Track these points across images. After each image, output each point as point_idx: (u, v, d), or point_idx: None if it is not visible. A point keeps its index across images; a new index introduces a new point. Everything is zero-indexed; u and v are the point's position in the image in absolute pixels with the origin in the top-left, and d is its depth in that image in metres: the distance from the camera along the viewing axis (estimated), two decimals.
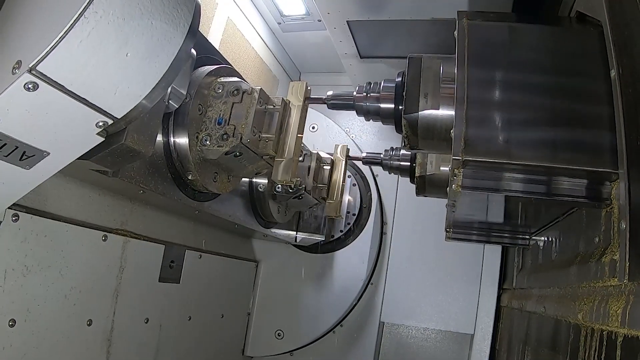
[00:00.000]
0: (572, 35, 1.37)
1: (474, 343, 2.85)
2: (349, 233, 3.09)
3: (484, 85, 1.27)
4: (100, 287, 1.79)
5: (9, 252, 1.40)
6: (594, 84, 1.22)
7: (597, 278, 1.20)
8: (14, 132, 0.98)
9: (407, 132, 1.44)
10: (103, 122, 1.05)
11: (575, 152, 1.17)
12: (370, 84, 1.70)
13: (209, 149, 1.68)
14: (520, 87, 1.27)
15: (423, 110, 1.40)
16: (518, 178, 1.25)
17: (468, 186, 1.25)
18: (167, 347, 2.21)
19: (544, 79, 1.26)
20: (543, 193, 1.28)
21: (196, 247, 2.40)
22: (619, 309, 1.02)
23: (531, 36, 1.35)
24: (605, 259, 1.16)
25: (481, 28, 1.37)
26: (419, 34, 2.44)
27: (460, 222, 2.10)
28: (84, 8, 0.87)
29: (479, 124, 1.21)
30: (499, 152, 1.18)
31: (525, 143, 1.20)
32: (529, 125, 1.22)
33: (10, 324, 1.42)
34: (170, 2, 1.02)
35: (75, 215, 1.65)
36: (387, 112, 1.61)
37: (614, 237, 1.15)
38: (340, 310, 3.02)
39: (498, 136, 1.20)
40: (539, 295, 1.82)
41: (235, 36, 2.67)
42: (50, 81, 0.91)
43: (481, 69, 1.29)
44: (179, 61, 1.07)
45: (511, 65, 1.29)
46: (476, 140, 1.20)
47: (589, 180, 1.21)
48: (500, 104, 1.24)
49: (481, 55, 1.31)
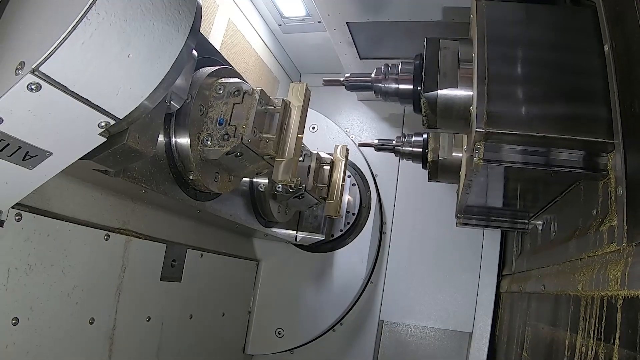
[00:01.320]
0: (571, 14, 1.44)
1: (472, 341, 2.85)
2: (348, 232, 3.09)
3: (501, 62, 1.31)
4: (103, 285, 1.79)
5: (12, 251, 1.41)
6: (589, 58, 1.29)
7: (595, 247, 1.22)
8: (17, 132, 0.98)
9: (426, 111, 1.46)
10: (105, 122, 1.05)
11: (590, 125, 1.23)
12: (388, 66, 1.71)
13: (210, 149, 1.68)
14: (535, 64, 1.32)
15: (442, 89, 1.42)
16: (536, 151, 1.29)
17: (490, 159, 1.28)
18: (169, 345, 2.21)
19: (556, 56, 1.32)
20: (560, 166, 1.31)
21: (197, 246, 2.40)
22: (617, 272, 1.03)
23: (543, 16, 1.40)
24: (604, 227, 1.18)
25: (497, 8, 1.42)
26: (417, 35, 2.44)
27: (467, 208, 2.11)
28: (86, 10, 0.88)
29: (499, 99, 1.26)
30: (520, 124, 1.23)
31: (543, 116, 1.24)
32: (546, 99, 1.27)
33: (13, 322, 1.42)
34: (171, 4, 1.02)
35: (77, 215, 1.65)
36: (406, 92, 1.63)
37: (612, 205, 1.18)
38: (340, 309, 3.02)
39: (519, 109, 1.24)
40: (538, 275, 1.83)
41: (236, 37, 2.68)
42: (53, 82, 0.91)
43: (499, 47, 1.34)
44: (180, 62, 1.07)
45: (526, 43, 1.34)
46: (497, 113, 1.24)
47: (585, 153, 1.26)
48: (517, 80, 1.29)
49: (499, 33, 1.36)
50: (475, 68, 1.30)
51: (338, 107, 3.43)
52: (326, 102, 3.38)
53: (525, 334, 1.96)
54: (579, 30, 1.35)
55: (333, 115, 3.37)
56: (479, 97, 1.25)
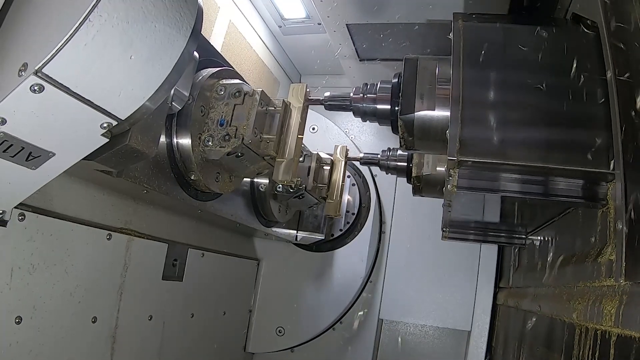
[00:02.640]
0: (568, 36, 1.34)
1: (470, 339, 2.85)
2: (348, 232, 3.09)
3: (479, 86, 1.25)
4: (105, 285, 1.79)
5: (15, 251, 1.41)
6: (590, 85, 1.21)
7: (593, 278, 1.18)
8: (20, 133, 0.99)
9: (403, 133, 1.42)
10: (107, 123, 1.05)
11: (571, 153, 1.16)
12: (367, 85, 1.68)
13: (211, 150, 1.68)
14: (515, 87, 1.26)
15: (419, 111, 1.38)
16: (513, 178, 1.24)
17: (464, 186, 1.24)
18: (170, 344, 2.21)
19: (539, 79, 1.25)
20: (539, 193, 1.27)
21: (199, 245, 2.40)
22: (612, 308, 1.01)
23: (526, 37, 1.33)
24: (602, 259, 1.15)
25: (476, 29, 1.36)
26: (416, 36, 2.44)
27: (456, 222, 2.09)
28: (88, 12, 0.88)
29: (474, 125, 1.20)
30: (494, 152, 1.17)
31: (520, 143, 1.18)
32: (524, 125, 1.21)
33: (16, 321, 1.42)
34: (173, 6, 1.02)
35: (80, 215, 1.65)
36: (384, 113, 1.60)
37: (610, 237, 1.13)
38: (339, 308, 3.02)
39: (493, 136, 1.18)
40: (534, 294, 1.81)
41: (236, 39, 2.68)
42: (55, 83, 0.91)
43: (476, 70, 1.28)
44: (181, 64, 1.07)
45: (506, 66, 1.28)
46: (471, 140, 1.18)
47: (584, 180, 1.19)
48: (495, 105, 1.23)
49: (476, 55, 1.30)
50: (450, 93, 1.24)
51: None
52: None
53: (520, 352, 1.94)
54: (575, 52, 1.27)
55: (333, 116, 3.37)
56: (452, 124, 1.20)
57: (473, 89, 1.24)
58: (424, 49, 2.55)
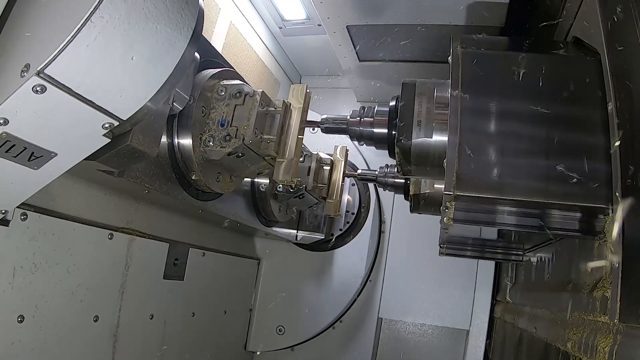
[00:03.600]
0: (569, 63, 1.29)
1: (469, 338, 2.85)
2: (348, 231, 3.09)
3: (477, 118, 1.21)
4: (107, 284, 1.79)
5: (17, 250, 1.40)
6: (590, 115, 1.17)
7: (588, 311, 1.16)
8: (22, 133, 0.98)
9: (400, 160, 1.39)
10: (109, 123, 1.05)
11: (569, 187, 1.12)
12: (364, 109, 1.64)
13: (212, 150, 1.68)
14: (514, 119, 1.22)
15: (416, 139, 1.34)
16: (511, 212, 1.21)
17: (460, 219, 1.20)
18: (172, 343, 2.21)
19: (538, 110, 1.20)
20: (535, 226, 1.23)
21: (199, 245, 2.40)
22: (606, 346, 0.99)
23: (526, 65, 1.27)
24: (597, 293, 1.12)
25: (475, 56, 1.30)
26: (415, 37, 2.44)
27: (454, 238, 2.07)
28: (90, 13, 0.88)
29: (472, 158, 1.17)
30: (491, 187, 1.14)
31: (518, 177, 1.15)
32: (522, 159, 1.17)
33: (19, 320, 1.42)
34: (174, 7, 1.02)
35: (82, 214, 1.65)
36: (381, 137, 1.56)
37: (607, 272, 1.10)
38: (339, 307, 3.02)
39: (491, 170, 1.15)
40: (530, 313, 1.79)
41: (237, 40, 2.67)
42: (57, 84, 0.91)
43: (474, 100, 1.23)
44: (183, 64, 1.07)
45: (505, 97, 1.24)
46: (469, 174, 1.15)
47: (582, 214, 1.16)
48: (493, 137, 1.19)
49: (475, 86, 1.25)
50: (448, 125, 1.21)
51: (338, 109, 3.43)
52: (326, 103, 3.38)
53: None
54: (576, 82, 1.22)
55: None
56: (449, 158, 1.16)
57: (471, 121, 1.20)
58: (423, 50, 2.56)
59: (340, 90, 3.42)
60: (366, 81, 3.04)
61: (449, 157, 1.17)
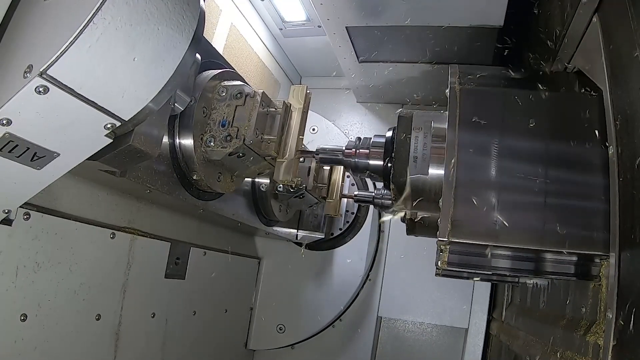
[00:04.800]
0: (569, 102, 1.23)
1: (468, 337, 2.85)
2: (347, 231, 3.09)
3: (473, 161, 1.17)
4: (109, 283, 1.79)
5: (20, 250, 1.40)
6: (589, 157, 1.12)
7: (580, 353, 1.12)
8: (25, 133, 0.99)
9: (395, 195, 1.37)
10: (111, 124, 1.05)
11: (566, 233, 1.08)
12: (359, 140, 1.61)
13: (213, 150, 1.68)
14: (511, 162, 1.17)
15: (412, 176, 1.31)
16: (505, 257, 1.18)
17: (454, 262, 1.17)
18: (173, 341, 2.21)
19: (537, 152, 1.17)
20: (531, 270, 1.20)
21: (201, 244, 2.40)
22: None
23: (525, 104, 1.22)
24: (590, 338, 1.08)
25: (474, 94, 1.26)
26: (415, 39, 2.44)
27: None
28: (93, 14, 0.88)
29: (467, 204, 1.13)
30: (486, 234, 1.11)
31: (514, 224, 1.11)
32: (518, 204, 1.13)
33: (21, 319, 1.42)
34: (175, 9, 1.02)
35: (84, 214, 1.65)
36: (376, 169, 1.53)
37: (600, 317, 1.07)
38: (339, 306, 3.02)
39: (486, 217, 1.11)
40: (525, 340, 1.75)
41: (238, 41, 2.67)
42: (60, 85, 0.91)
43: (472, 144, 1.19)
44: (184, 65, 1.08)
45: (503, 139, 1.19)
46: (463, 221, 1.12)
47: (577, 260, 1.13)
48: (490, 182, 1.15)
49: (472, 128, 1.20)
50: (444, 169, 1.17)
51: (338, 109, 3.43)
52: (326, 104, 3.38)
53: None
54: (578, 122, 1.16)
55: (333, 117, 3.37)
56: (444, 204, 1.13)
57: (467, 166, 1.16)
58: (422, 52, 2.55)
59: (340, 91, 3.42)
60: (366, 82, 3.04)
61: (444, 203, 1.13)
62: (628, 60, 1.03)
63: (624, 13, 1.05)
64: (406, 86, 2.96)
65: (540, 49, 1.91)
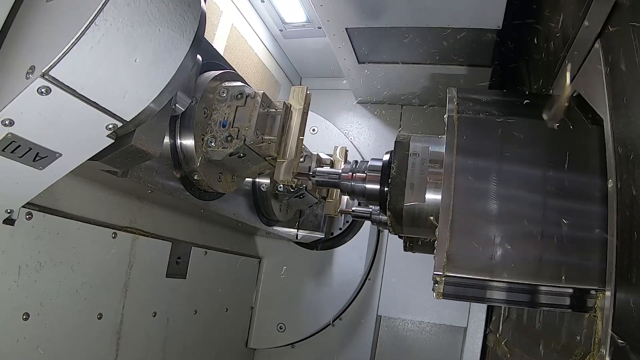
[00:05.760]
0: (569, 134, 1.19)
1: (467, 335, 2.85)
2: (347, 231, 3.09)
3: (471, 194, 1.16)
4: (110, 282, 1.79)
5: (22, 249, 1.40)
6: (589, 189, 1.10)
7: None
8: (28, 134, 0.99)
9: (391, 222, 1.35)
10: (113, 124, 1.05)
11: (562, 268, 1.07)
12: (356, 163, 1.61)
13: (214, 151, 1.68)
14: (508, 196, 1.15)
15: (408, 203, 1.30)
16: (500, 289, 1.16)
17: (450, 294, 1.16)
18: (174, 340, 2.21)
19: (536, 184, 1.15)
20: (526, 302, 1.18)
21: (202, 244, 2.40)
22: None
23: (524, 134, 1.20)
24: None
25: (472, 123, 1.24)
26: (414, 40, 2.44)
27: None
28: (94, 16, 0.88)
29: (463, 238, 1.12)
30: (481, 268, 1.10)
31: (510, 259, 1.10)
32: (516, 237, 1.12)
33: (24, 318, 1.42)
34: (177, 10, 1.02)
35: (86, 214, 1.65)
36: (373, 193, 1.52)
37: (595, 349, 1.04)
38: (339, 305, 3.02)
39: (482, 252, 1.11)
40: (521, 358, 1.73)
41: (239, 42, 2.67)
42: (62, 85, 0.91)
43: (469, 175, 1.17)
44: (185, 66, 1.08)
45: (501, 170, 1.18)
46: (459, 255, 1.11)
47: (573, 292, 1.11)
48: (487, 215, 1.14)
49: (470, 158, 1.19)
50: (440, 203, 1.15)
51: (337, 110, 3.43)
52: (326, 105, 3.38)
53: None
54: (578, 155, 1.14)
55: (332, 118, 3.37)
56: (440, 238, 1.12)
57: (464, 198, 1.15)
58: (421, 53, 2.55)
59: (340, 92, 3.42)
60: (365, 83, 3.04)
61: (439, 237, 1.12)
62: (631, 90, 1.00)
63: (627, 41, 1.01)
64: (405, 87, 2.96)
65: (540, 65, 1.89)
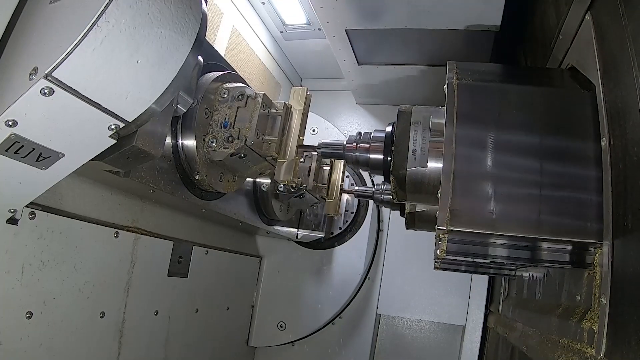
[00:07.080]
0: (563, 97, 1.24)
1: (465, 334, 2.85)
2: (347, 230, 3.09)
3: (471, 153, 1.19)
4: (113, 281, 1.79)
5: (26, 248, 1.41)
6: (583, 150, 1.14)
7: (576, 340, 1.14)
8: (31, 134, 0.99)
9: (395, 188, 1.37)
10: (115, 125, 1.05)
11: (560, 222, 1.10)
12: (360, 134, 1.62)
13: (215, 151, 1.68)
14: (507, 154, 1.19)
15: (411, 168, 1.32)
16: (502, 245, 1.20)
17: (453, 251, 1.18)
18: (176, 338, 2.21)
19: (533, 145, 1.19)
20: (526, 259, 1.23)
21: (203, 243, 2.40)
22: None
23: (521, 98, 1.25)
24: (585, 324, 1.09)
25: (470, 89, 1.27)
26: (413, 41, 2.44)
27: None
28: (97, 17, 0.88)
29: (465, 194, 1.14)
30: (484, 223, 1.12)
31: (510, 213, 1.12)
32: (515, 194, 1.15)
33: (27, 316, 1.42)
34: (178, 12, 1.02)
35: (88, 213, 1.65)
36: (376, 163, 1.54)
37: (595, 304, 1.08)
38: (339, 303, 3.02)
39: (484, 206, 1.13)
40: (522, 331, 1.76)
41: (240, 44, 2.67)
42: (65, 87, 0.91)
43: (469, 135, 1.21)
44: (186, 68, 1.08)
45: (499, 131, 1.21)
46: (461, 210, 1.13)
47: (572, 248, 1.15)
48: (487, 173, 1.17)
49: (469, 120, 1.22)
50: (442, 159, 1.18)
51: (337, 111, 3.44)
52: (326, 105, 3.38)
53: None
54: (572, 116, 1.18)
55: (332, 118, 3.37)
56: (442, 194, 1.14)
57: (465, 157, 1.18)
58: (420, 54, 2.55)
59: (339, 93, 3.42)
60: (365, 84, 3.04)
61: (442, 193, 1.15)
62: (619, 56, 1.05)
63: (615, 11, 1.07)
64: (405, 88, 2.96)
65: (536, 46, 1.92)
